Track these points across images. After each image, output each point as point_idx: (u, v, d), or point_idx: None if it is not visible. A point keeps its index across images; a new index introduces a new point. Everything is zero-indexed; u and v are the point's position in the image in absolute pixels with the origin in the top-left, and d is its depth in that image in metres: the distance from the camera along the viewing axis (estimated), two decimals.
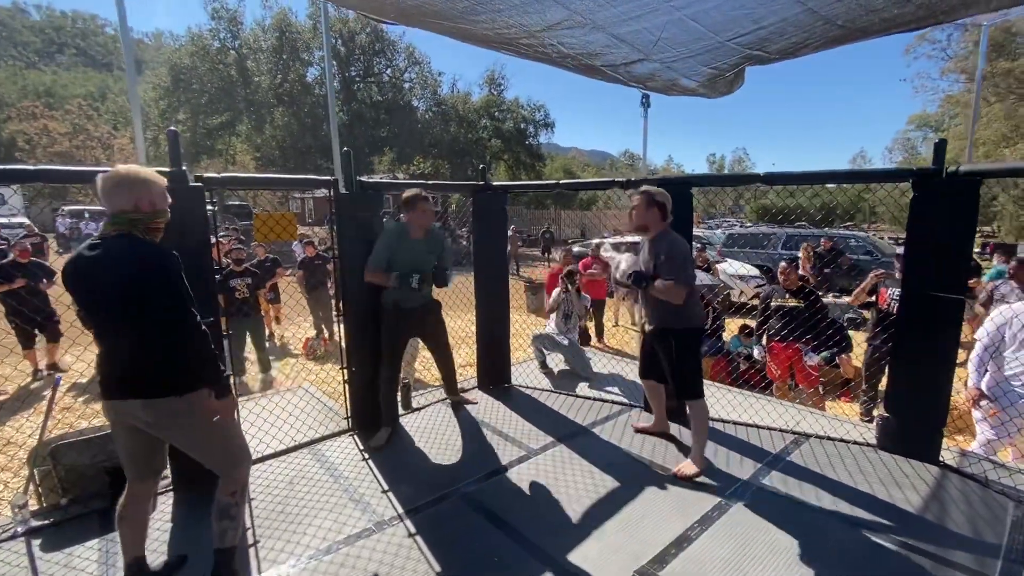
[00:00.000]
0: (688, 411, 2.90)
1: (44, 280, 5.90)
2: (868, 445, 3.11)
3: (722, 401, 3.72)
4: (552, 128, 32.63)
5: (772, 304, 4.61)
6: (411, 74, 29.46)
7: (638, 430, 3.37)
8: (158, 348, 1.77)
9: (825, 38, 2.59)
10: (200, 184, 2.57)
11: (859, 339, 5.58)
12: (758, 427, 3.38)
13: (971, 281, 4.79)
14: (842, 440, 3.18)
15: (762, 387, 4.47)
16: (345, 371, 3.35)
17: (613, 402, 3.86)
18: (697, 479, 2.76)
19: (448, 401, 3.88)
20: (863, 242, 11.79)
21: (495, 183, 4.06)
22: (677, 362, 2.81)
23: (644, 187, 2.84)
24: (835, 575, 2.06)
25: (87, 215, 19.98)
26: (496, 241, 4.10)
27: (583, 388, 4.22)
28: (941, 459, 2.89)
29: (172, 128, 2.57)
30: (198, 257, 2.57)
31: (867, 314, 8.51)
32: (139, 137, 2.62)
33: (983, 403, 3.25)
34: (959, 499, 2.58)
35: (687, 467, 2.82)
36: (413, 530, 2.35)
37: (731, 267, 10.54)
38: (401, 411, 3.67)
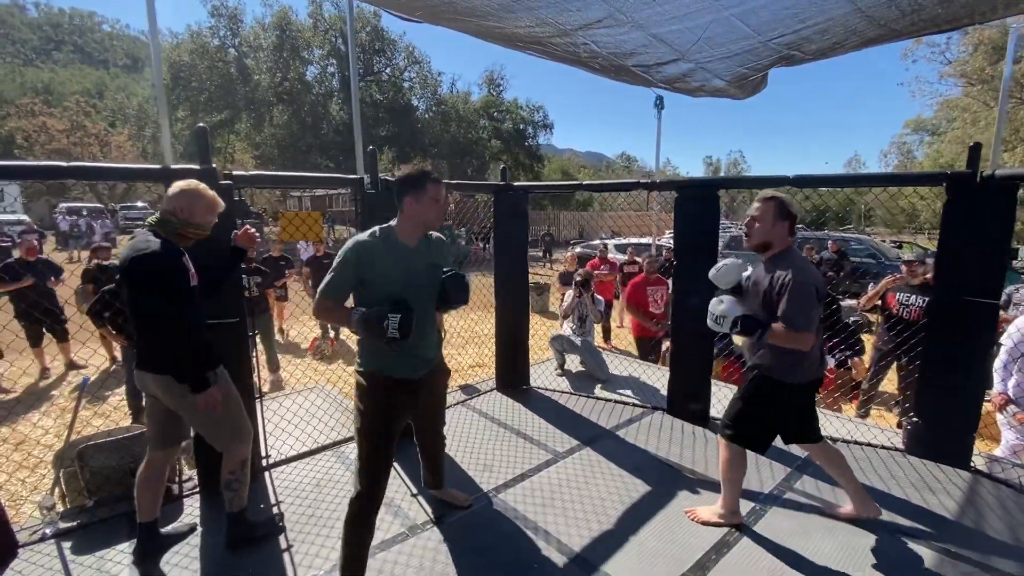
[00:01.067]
0: (720, 450, 2.38)
1: (52, 278, 5.83)
2: (896, 450, 3.10)
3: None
4: (551, 129, 32.72)
5: None
6: (411, 73, 29.42)
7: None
8: (148, 333, 1.99)
9: (864, 38, 2.57)
10: (230, 182, 2.53)
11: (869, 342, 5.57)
12: None
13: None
14: (869, 444, 3.17)
15: None
16: None
17: (634, 405, 3.84)
18: (717, 523, 2.36)
19: (468, 403, 3.85)
20: (866, 245, 11.82)
21: (515, 184, 4.03)
22: (748, 402, 2.26)
23: (770, 193, 2.19)
24: None
25: (85, 212, 19.88)
26: (517, 242, 4.07)
27: (600, 390, 4.19)
28: (972, 464, 2.88)
29: (201, 125, 2.52)
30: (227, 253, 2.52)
31: (872, 317, 8.54)
32: (166, 137, 2.56)
33: (1009, 408, 3.24)
34: (995, 505, 2.56)
35: (703, 511, 2.42)
36: (447, 536, 2.32)
37: None
38: None
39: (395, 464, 2.95)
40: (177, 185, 2.05)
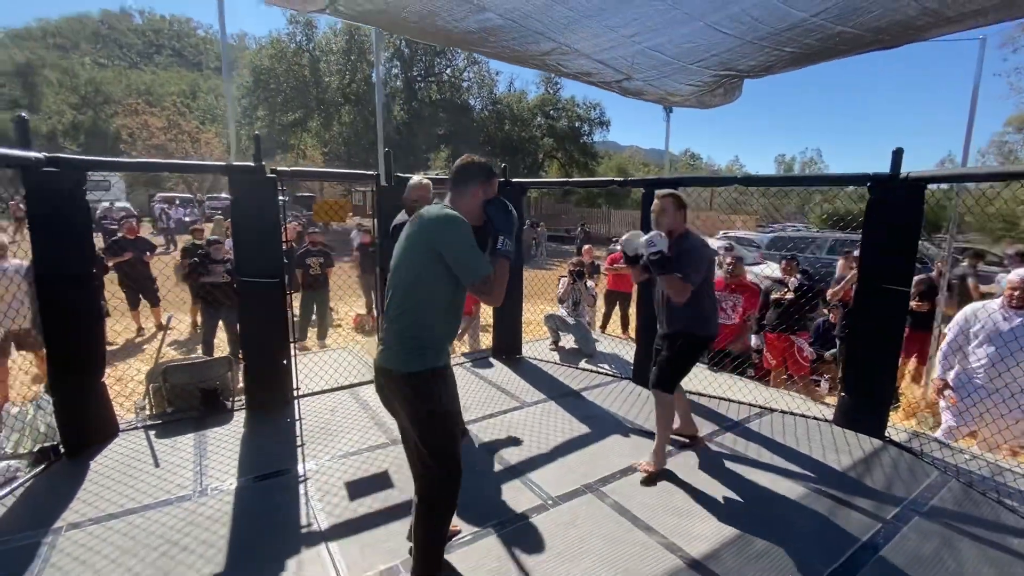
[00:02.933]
0: (655, 402, 2.88)
1: (148, 253, 7.10)
2: (825, 421, 3.49)
3: (708, 379, 4.16)
4: (607, 126, 32.80)
5: (771, 297, 4.94)
6: (470, 73, 30.51)
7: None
8: None
9: (785, 61, 3.01)
10: (274, 175, 3.35)
11: None
12: (729, 400, 3.81)
13: (917, 303, 4.61)
14: (803, 415, 3.57)
15: (761, 376, 4.83)
16: None
17: (606, 374, 4.39)
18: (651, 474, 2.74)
19: (462, 366, 4.54)
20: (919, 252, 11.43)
21: (516, 179, 4.66)
22: (674, 358, 2.80)
23: (666, 191, 2.81)
24: (747, 508, 2.53)
25: (177, 201, 22.35)
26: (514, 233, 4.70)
27: (584, 363, 4.76)
28: (887, 435, 3.24)
29: (257, 133, 3.36)
30: (271, 234, 3.34)
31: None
32: (232, 134, 3.43)
33: (946, 392, 3.53)
34: (887, 464, 2.95)
35: (645, 464, 2.82)
36: None
37: (768, 269, 10.60)
38: None
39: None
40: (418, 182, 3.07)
